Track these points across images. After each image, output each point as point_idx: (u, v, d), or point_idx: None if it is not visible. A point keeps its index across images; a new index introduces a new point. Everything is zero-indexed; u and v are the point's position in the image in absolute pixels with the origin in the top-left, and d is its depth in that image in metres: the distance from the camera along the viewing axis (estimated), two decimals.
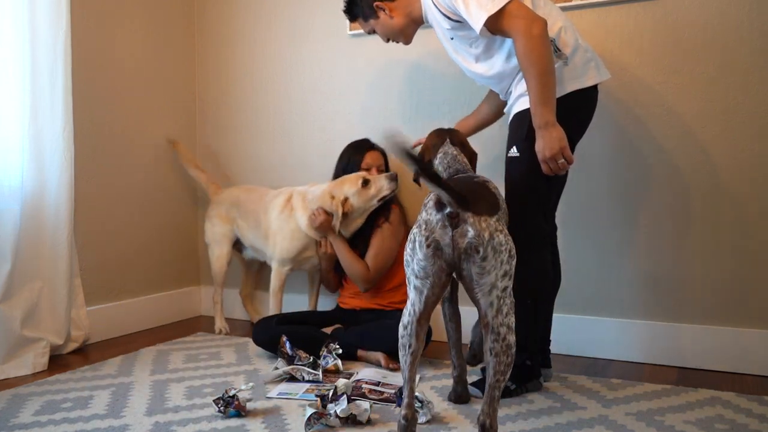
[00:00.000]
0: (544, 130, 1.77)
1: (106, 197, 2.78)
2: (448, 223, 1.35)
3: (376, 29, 2.19)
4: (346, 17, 2.28)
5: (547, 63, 1.75)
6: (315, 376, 2.09)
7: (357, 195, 2.47)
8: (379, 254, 2.49)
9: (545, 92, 1.75)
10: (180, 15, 3.22)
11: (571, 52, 1.89)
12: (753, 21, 2.20)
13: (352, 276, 2.51)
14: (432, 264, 1.37)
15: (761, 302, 2.21)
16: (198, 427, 1.72)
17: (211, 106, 3.29)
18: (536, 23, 1.75)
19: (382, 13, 2.12)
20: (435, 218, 1.37)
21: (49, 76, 2.37)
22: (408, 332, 1.41)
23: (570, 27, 1.93)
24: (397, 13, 2.10)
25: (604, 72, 1.99)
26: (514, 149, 1.91)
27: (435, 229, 1.36)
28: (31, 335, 2.31)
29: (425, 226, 1.38)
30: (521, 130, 1.88)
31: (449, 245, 1.35)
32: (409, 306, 1.43)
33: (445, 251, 1.36)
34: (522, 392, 1.97)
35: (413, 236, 1.40)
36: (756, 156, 2.21)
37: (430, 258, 1.36)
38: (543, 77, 1.74)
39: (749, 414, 1.80)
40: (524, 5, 1.81)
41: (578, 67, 1.90)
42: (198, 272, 3.32)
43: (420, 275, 1.38)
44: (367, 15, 2.16)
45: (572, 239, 2.45)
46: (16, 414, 1.82)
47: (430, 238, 1.36)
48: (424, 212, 1.42)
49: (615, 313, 2.42)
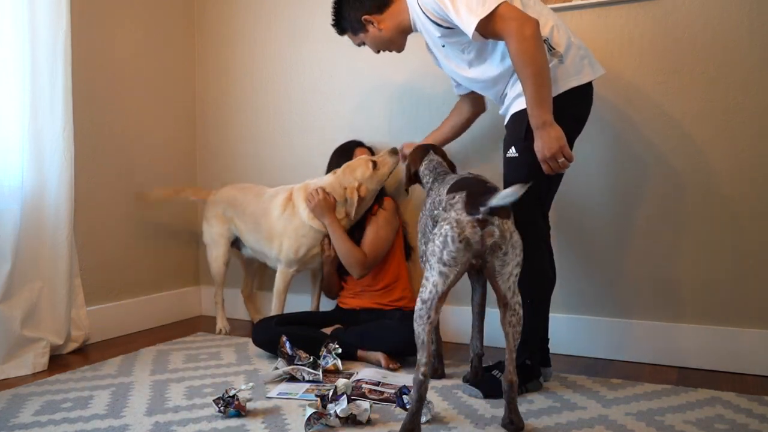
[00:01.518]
0: (542, 130, 1.77)
1: (106, 197, 2.78)
2: (477, 224, 1.59)
3: (366, 42, 2.19)
4: (336, 31, 2.25)
5: (541, 63, 1.74)
6: (315, 376, 2.09)
7: (370, 179, 2.52)
8: (375, 241, 2.50)
9: (541, 92, 1.75)
10: (180, 15, 3.22)
11: (565, 50, 1.88)
12: (753, 21, 2.20)
13: (349, 262, 2.49)
14: (462, 256, 1.60)
15: (761, 302, 2.21)
16: (198, 427, 1.72)
17: (211, 106, 3.29)
18: (528, 24, 1.74)
19: (370, 26, 2.11)
20: (465, 219, 1.60)
21: (49, 76, 2.36)
22: (428, 306, 1.60)
23: (561, 25, 1.92)
24: (385, 25, 2.09)
25: (599, 68, 1.98)
26: (513, 150, 1.91)
27: (466, 227, 1.59)
28: (31, 335, 2.31)
29: (456, 224, 1.60)
30: (519, 130, 1.88)
31: (479, 242, 1.60)
32: (430, 286, 1.61)
33: (474, 247, 1.60)
34: (522, 392, 1.96)
35: (444, 232, 1.60)
36: (756, 156, 2.21)
37: (461, 251, 1.59)
38: (538, 78, 1.74)
39: (749, 414, 1.80)
40: (514, 7, 1.79)
41: (573, 64, 1.90)
42: (197, 272, 3.32)
43: (449, 263, 1.59)
44: (356, 29, 2.15)
45: (572, 239, 2.45)
46: (16, 414, 1.82)
47: (462, 236, 1.59)
48: (453, 212, 1.63)
49: (615, 313, 2.42)
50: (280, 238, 2.61)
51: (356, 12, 2.11)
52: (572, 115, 1.93)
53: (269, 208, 2.66)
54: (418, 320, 1.62)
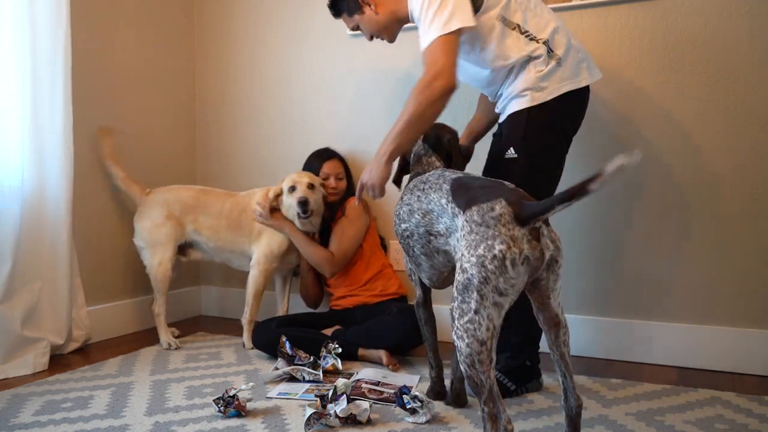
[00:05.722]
0: (377, 161, 1.85)
1: (106, 197, 2.78)
2: (531, 237, 1.34)
3: (360, 25, 2.17)
4: (331, 12, 2.24)
5: (421, 114, 1.77)
6: (315, 376, 2.09)
7: (285, 195, 2.60)
8: (341, 239, 2.57)
9: (402, 134, 1.80)
10: (180, 15, 3.22)
11: (564, 53, 1.88)
12: (753, 21, 2.20)
13: (315, 262, 2.56)
14: (522, 281, 1.35)
15: (761, 302, 2.21)
16: (198, 427, 1.72)
17: (211, 106, 3.29)
18: (441, 78, 1.74)
19: (367, 8, 2.09)
20: (520, 233, 1.33)
21: (49, 76, 2.36)
22: (488, 347, 1.32)
23: (562, 27, 1.93)
24: (382, 9, 2.08)
25: (596, 72, 1.98)
26: (512, 150, 1.90)
27: (523, 244, 1.33)
28: (31, 335, 2.31)
29: (513, 242, 1.32)
30: (517, 131, 1.88)
31: (538, 259, 1.35)
32: (486, 322, 1.32)
33: (533, 265, 1.35)
34: (522, 392, 1.97)
35: (500, 254, 1.31)
36: (757, 156, 2.21)
37: (522, 275, 1.33)
38: (411, 123, 1.78)
39: (749, 414, 1.80)
40: (450, 50, 1.78)
41: (571, 67, 1.90)
42: (198, 272, 3.32)
43: (507, 292, 1.33)
44: (352, 9, 2.13)
45: (571, 239, 2.45)
46: (16, 414, 1.82)
47: (522, 255, 1.32)
48: (504, 228, 1.33)
49: (615, 313, 2.42)
50: (259, 235, 2.64)
51: None
52: (569, 117, 1.94)
53: (249, 208, 2.67)
54: (477, 366, 1.32)
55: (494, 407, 1.31)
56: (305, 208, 2.50)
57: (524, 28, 1.87)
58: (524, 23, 1.88)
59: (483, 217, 1.36)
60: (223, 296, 3.28)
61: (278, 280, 2.84)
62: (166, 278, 2.63)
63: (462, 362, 1.34)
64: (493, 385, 1.32)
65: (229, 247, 2.70)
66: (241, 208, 2.69)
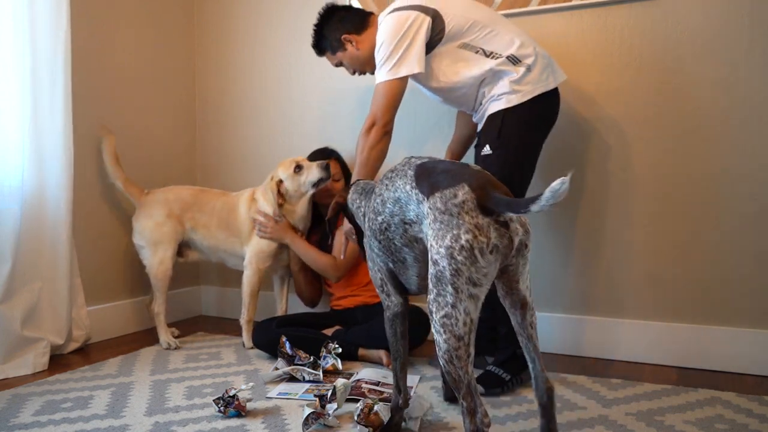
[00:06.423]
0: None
1: (106, 197, 2.78)
2: (499, 225, 1.30)
3: (343, 61, 2.29)
4: (315, 52, 2.37)
5: (367, 158, 2.03)
6: (315, 377, 2.09)
7: (290, 179, 2.58)
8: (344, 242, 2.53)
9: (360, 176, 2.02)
10: (180, 15, 3.22)
11: (533, 61, 2.02)
12: (753, 21, 2.20)
13: (319, 268, 2.55)
14: (494, 269, 1.32)
15: (761, 302, 2.21)
16: (198, 427, 1.72)
17: (211, 106, 3.29)
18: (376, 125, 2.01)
19: (349, 45, 2.23)
20: (484, 221, 1.29)
21: (49, 76, 2.36)
22: (466, 342, 1.29)
23: (526, 40, 2.06)
24: (363, 45, 2.21)
25: (560, 75, 2.12)
26: (487, 147, 2.02)
27: (490, 232, 1.28)
28: (31, 335, 2.31)
29: (479, 231, 1.27)
30: (493, 129, 2.01)
31: (507, 246, 1.32)
32: (462, 316, 1.28)
33: (502, 252, 1.32)
34: (517, 383, 2.01)
35: (467, 245, 1.26)
36: (758, 156, 2.21)
37: (492, 263, 1.30)
38: (362, 167, 2.03)
39: (749, 414, 1.80)
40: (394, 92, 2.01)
41: (539, 74, 2.03)
42: (197, 272, 3.32)
43: (480, 282, 1.29)
44: (335, 48, 2.27)
45: (571, 239, 2.45)
46: (16, 414, 1.82)
47: (490, 244, 1.28)
48: (467, 216, 1.28)
49: (615, 313, 2.42)
50: (249, 234, 2.63)
51: (336, 32, 2.24)
52: (540, 116, 2.08)
53: (238, 206, 2.68)
54: (456, 362, 1.28)
55: (472, 401, 1.29)
56: (328, 172, 2.54)
57: (488, 50, 2.02)
58: (487, 45, 2.02)
59: (446, 204, 1.31)
60: (222, 296, 3.28)
61: (276, 280, 2.84)
62: (167, 277, 2.64)
63: (440, 357, 1.31)
64: (471, 380, 1.30)
65: (222, 245, 2.70)
66: (229, 207, 2.70)
